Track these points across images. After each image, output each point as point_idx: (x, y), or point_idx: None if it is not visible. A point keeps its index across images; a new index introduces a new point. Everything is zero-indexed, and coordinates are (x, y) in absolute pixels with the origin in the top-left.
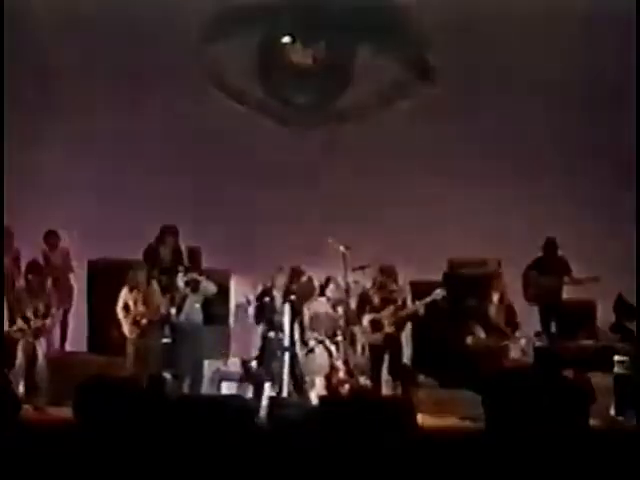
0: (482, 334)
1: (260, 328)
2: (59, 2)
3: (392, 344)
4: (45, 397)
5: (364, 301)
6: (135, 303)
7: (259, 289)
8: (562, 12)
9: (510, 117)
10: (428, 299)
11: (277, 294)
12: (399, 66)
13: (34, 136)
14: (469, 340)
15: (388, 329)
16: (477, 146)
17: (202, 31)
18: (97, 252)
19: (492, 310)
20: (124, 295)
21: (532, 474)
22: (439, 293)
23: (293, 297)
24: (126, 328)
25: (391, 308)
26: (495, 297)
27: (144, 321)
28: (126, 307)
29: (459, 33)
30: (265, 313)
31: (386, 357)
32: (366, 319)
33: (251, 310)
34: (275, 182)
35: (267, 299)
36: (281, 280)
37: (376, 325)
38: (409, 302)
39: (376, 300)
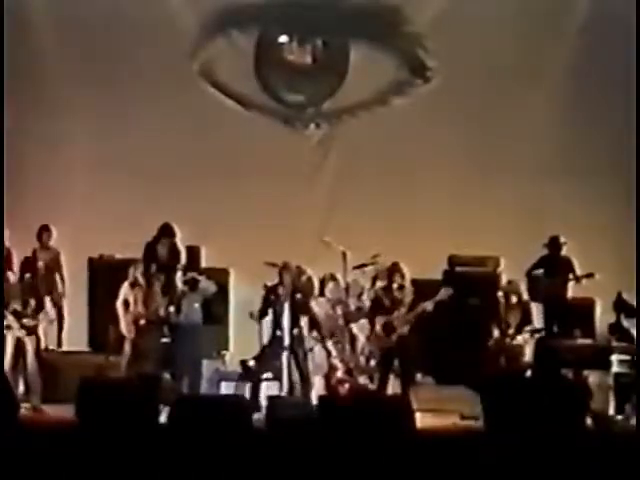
0: (496, 334)
1: (266, 326)
2: (58, 1)
3: (404, 347)
4: (39, 396)
5: (377, 303)
6: (135, 302)
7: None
8: (560, 10)
9: (509, 115)
10: (436, 298)
11: (283, 292)
12: (395, 64)
13: (33, 135)
14: (491, 342)
15: (400, 331)
16: (475, 143)
17: (199, 30)
18: (97, 250)
19: (503, 309)
20: (125, 290)
21: (530, 472)
22: (445, 292)
23: (299, 296)
24: (124, 326)
25: (402, 310)
26: (510, 296)
27: (142, 321)
28: (126, 304)
29: (456, 31)
30: (270, 311)
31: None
32: (378, 323)
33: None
34: (274, 181)
35: (273, 297)
36: (288, 278)
37: (389, 328)
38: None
39: (387, 302)
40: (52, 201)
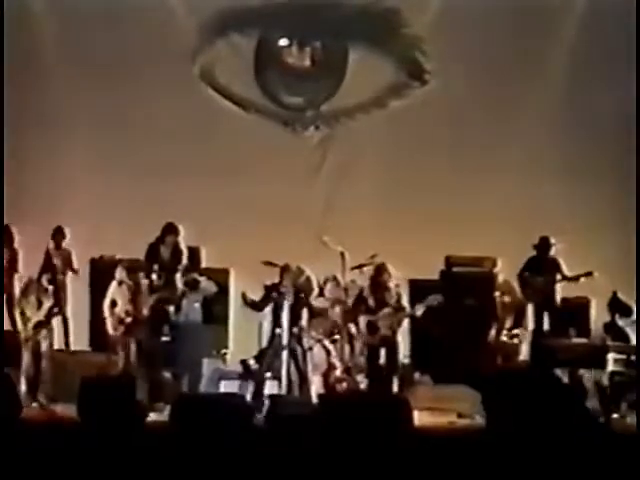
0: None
1: (266, 324)
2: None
3: (388, 345)
4: (50, 395)
5: (360, 301)
6: (124, 301)
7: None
8: (559, 10)
9: (506, 116)
10: (425, 304)
11: (285, 291)
12: (393, 67)
13: (35, 137)
14: (486, 341)
15: (384, 331)
16: (474, 144)
17: (200, 33)
18: (99, 251)
19: (499, 309)
20: (112, 290)
21: (529, 470)
22: (434, 299)
23: (302, 295)
24: (110, 325)
25: (387, 310)
26: (503, 296)
27: (129, 319)
28: (113, 303)
29: (454, 33)
30: (271, 308)
31: (382, 356)
32: (362, 321)
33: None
34: (274, 182)
35: (275, 294)
36: (288, 278)
37: (372, 327)
38: (405, 302)
39: (371, 301)
40: (55, 202)
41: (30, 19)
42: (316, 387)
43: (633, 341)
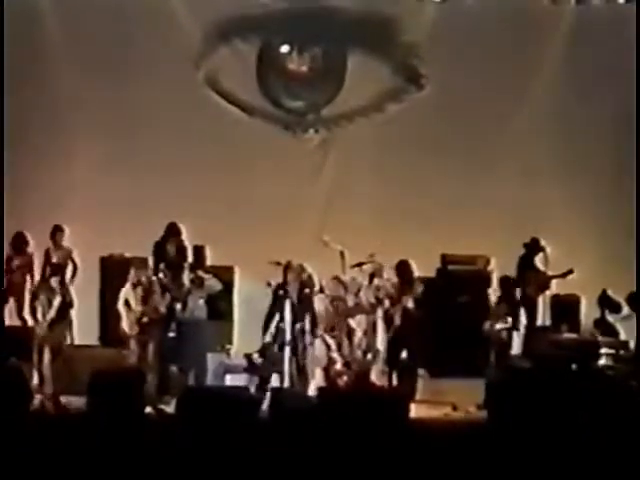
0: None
1: (273, 320)
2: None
3: (397, 337)
4: (67, 389)
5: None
6: (140, 301)
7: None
8: (556, 14)
9: (501, 118)
10: (412, 295)
11: (290, 288)
12: (390, 72)
13: (39, 137)
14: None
15: (397, 322)
16: (469, 145)
17: (204, 39)
18: (105, 250)
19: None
20: (125, 292)
21: (526, 465)
22: (418, 288)
23: (307, 291)
24: (126, 324)
25: (399, 304)
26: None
27: (145, 319)
28: (127, 304)
29: (451, 38)
30: (277, 306)
31: (387, 349)
32: (382, 317)
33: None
34: (276, 182)
35: (281, 292)
36: (291, 276)
37: (388, 321)
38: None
39: (394, 295)
40: (58, 203)
41: (33, 21)
42: (317, 381)
43: (622, 336)
